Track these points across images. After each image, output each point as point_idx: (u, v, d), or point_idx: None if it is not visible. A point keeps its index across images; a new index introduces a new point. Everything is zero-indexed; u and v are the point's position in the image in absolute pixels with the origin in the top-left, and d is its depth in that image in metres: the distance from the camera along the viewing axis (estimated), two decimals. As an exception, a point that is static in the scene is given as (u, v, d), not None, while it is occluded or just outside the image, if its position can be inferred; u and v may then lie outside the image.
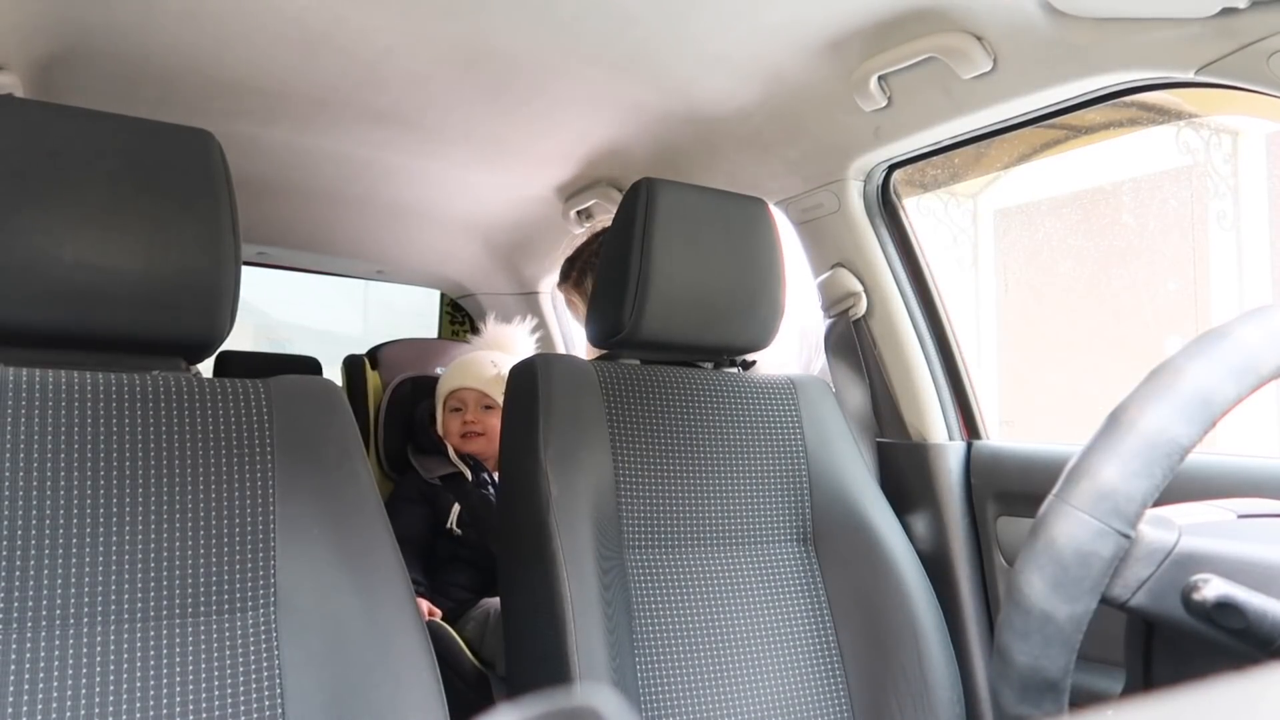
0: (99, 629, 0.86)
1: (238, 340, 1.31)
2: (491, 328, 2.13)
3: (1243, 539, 0.55)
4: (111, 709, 0.84)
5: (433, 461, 1.98)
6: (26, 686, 0.82)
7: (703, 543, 1.25)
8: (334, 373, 2.29)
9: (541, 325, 2.45)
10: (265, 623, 0.92)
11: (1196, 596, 0.51)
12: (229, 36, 1.25)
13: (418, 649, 0.94)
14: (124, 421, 0.92)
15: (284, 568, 0.94)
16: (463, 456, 1.94)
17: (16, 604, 0.84)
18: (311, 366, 2.68)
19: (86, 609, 0.86)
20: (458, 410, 1.95)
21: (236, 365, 2.52)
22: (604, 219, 1.92)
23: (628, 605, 1.16)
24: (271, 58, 1.31)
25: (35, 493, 0.87)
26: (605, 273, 1.29)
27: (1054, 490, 0.54)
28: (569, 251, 1.97)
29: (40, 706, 0.82)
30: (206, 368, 1.94)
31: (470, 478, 1.91)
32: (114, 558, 0.88)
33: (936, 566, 1.39)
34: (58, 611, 0.85)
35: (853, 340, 1.53)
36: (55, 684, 0.83)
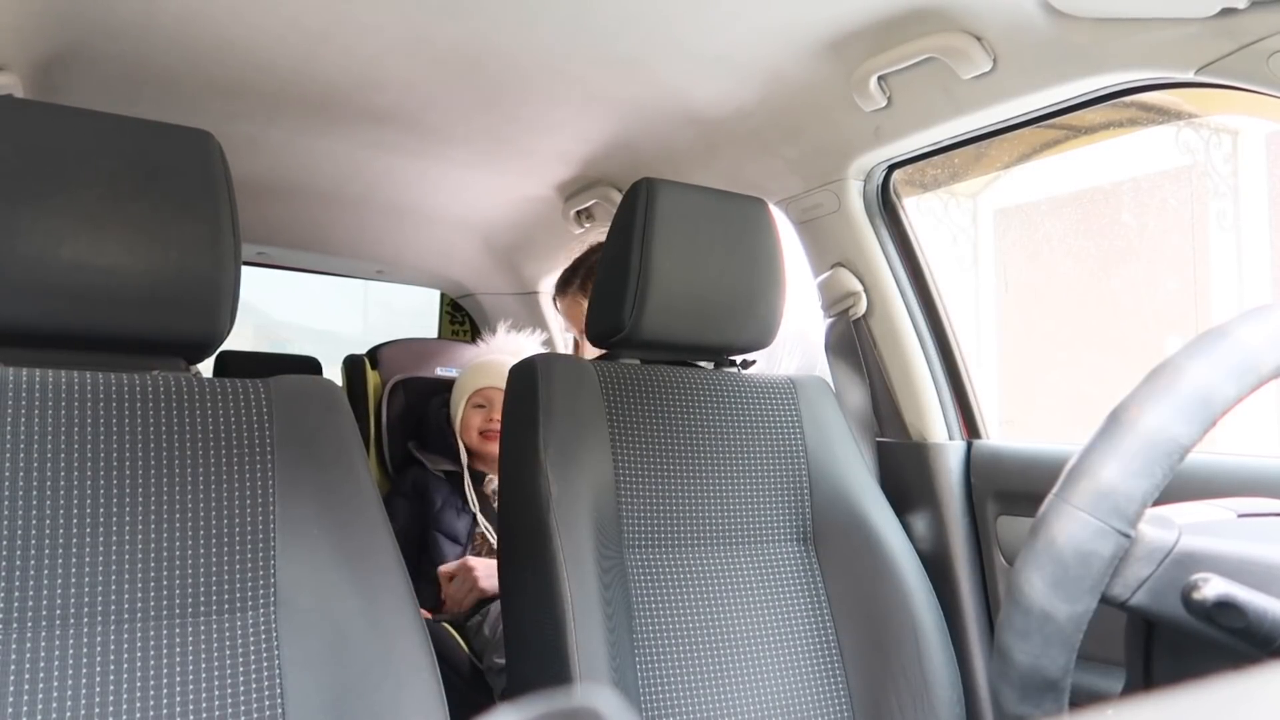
0: (99, 629, 0.86)
1: (238, 340, 1.31)
2: (502, 336, 2.15)
3: (1243, 539, 0.55)
4: (111, 709, 0.84)
5: (441, 458, 2.00)
6: (26, 686, 0.82)
7: (703, 543, 1.25)
8: (334, 373, 2.29)
9: (543, 327, 2.45)
10: (265, 623, 0.92)
11: (1196, 596, 0.51)
12: (229, 37, 1.25)
13: (418, 649, 0.94)
14: (124, 421, 0.92)
15: (284, 568, 0.94)
16: (470, 466, 1.97)
17: (16, 604, 0.84)
18: (311, 366, 2.68)
19: (86, 609, 0.86)
20: (481, 407, 1.98)
21: (236, 365, 2.52)
22: (604, 222, 1.92)
23: (628, 605, 1.16)
24: (271, 58, 1.31)
25: (35, 493, 0.87)
26: (605, 273, 1.29)
27: (1054, 489, 0.54)
28: (568, 262, 1.99)
29: (40, 706, 0.82)
30: (206, 368, 1.94)
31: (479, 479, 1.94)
32: (114, 558, 0.88)
33: (936, 566, 1.39)
34: (58, 611, 0.85)
35: (853, 340, 1.53)
36: (55, 684, 0.83)
